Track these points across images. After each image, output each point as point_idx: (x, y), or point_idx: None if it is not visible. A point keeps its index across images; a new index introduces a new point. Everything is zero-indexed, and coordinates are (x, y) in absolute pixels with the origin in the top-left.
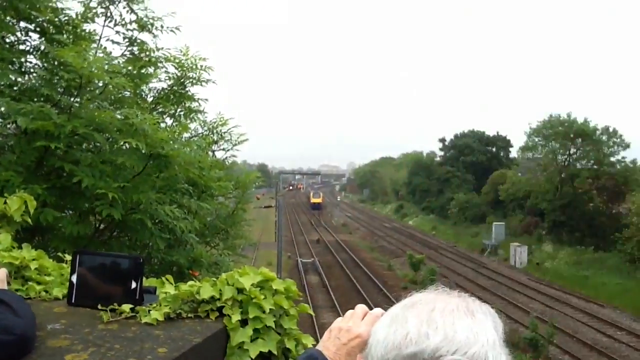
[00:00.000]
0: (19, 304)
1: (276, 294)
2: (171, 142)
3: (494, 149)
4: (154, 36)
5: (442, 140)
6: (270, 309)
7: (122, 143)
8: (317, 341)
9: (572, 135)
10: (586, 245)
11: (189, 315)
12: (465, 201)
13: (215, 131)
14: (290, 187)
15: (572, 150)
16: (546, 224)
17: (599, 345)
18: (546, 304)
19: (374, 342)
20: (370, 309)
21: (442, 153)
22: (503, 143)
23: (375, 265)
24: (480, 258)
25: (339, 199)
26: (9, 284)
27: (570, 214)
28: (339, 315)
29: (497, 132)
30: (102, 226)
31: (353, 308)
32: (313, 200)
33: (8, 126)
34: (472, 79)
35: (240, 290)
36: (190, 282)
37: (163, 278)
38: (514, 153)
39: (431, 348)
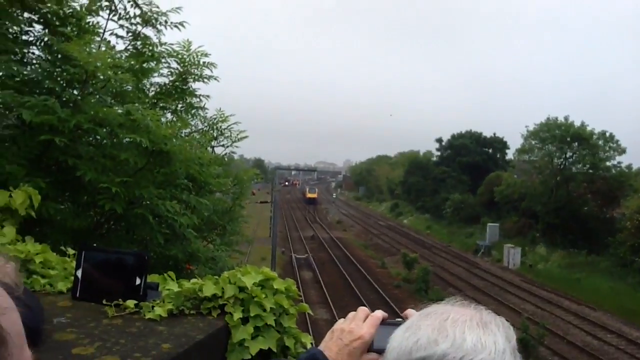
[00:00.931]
0: (28, 296)
1: (277, 293)
2: (173, 138)
3: (490, 151)
4: (158, 31)
5: (439, 140)
6: (270, 307)
7: (123, 138)
8: (315, 340)
9: (568, 139)
10: (579, 248)
11: (192, 312)
12: (460, 201)
13: (215, 127)
14: (286, 183)
15: (568, 154)
16: (540, 227)
17: (588, 348)
18: (538, 305)
19: (390, 348)
20: (370, 309)
21: (438, 153)
22: (500, 145)
23: (369, 263)
24: (474, 258)
25: (334, 196)
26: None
27: (564, 217)
28: (332, 312)
29: (494, 134)
30: (101, 220)
31: (346, 305)
32: (308, 195)
33: (10, 117)
34: (472, 78)
35: (242, 289)
36: (193, 280)
37: (165, 274)
38: (510, 155)
39: (438, 354)
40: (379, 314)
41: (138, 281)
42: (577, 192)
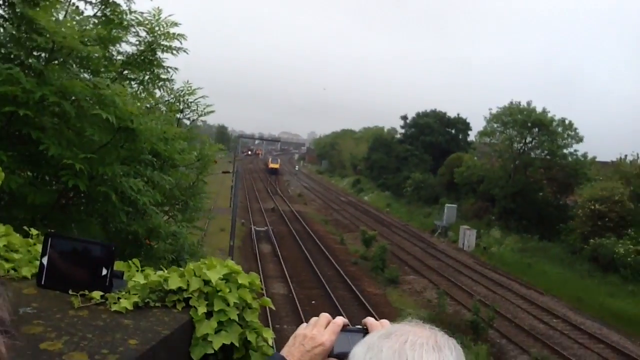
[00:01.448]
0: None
1: (240, 287)
2: (140, 115)
3: (453, 131)
4: None
5: (404, 117)
6: (234, 302)
7: (90, 112)
8: (272, 320)
9: (529, 124)
10: (532, 233)
11: (157, 304)
12: (421, 181)
13: (181, 100)
14: (249, 152)
15: (528, 139)
16: (496, 210)
17: (535, 331)
18: (489, 288)
19: None
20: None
21: (403, 130)
22: (463, 126)
23: (328, 239)
24: (431, 238)
25: (297, 168)
26: None
27: (520, 201)
28: (289, 286)
29: (458, 114)
30: (62, 195)
31: (303, 280)
32: (271, 165)
33: None
34: (443, 58)
35: (206, 282)
36: (159, 272)
37: (130, 262)
38: (472, 137)
39: None
40: (340, 320)
41: (104, 272)
42: (534, 178)
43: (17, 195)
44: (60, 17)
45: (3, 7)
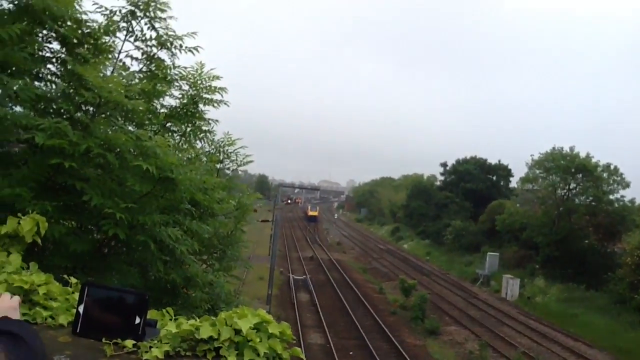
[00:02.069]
0: (32, 338)
1: (271, 337)
2: (180, 166)
3: (494, 178)
4: (172, 54)
5: (444, 164)
6: (264, 352)
7: (132, 163)
8: None
9: (573, 170)
10: (578, 282)
11: (187, 353)
12: (462, 228)
13: (221, 150)
14: (289, 201)
15: (572, 185)
16: (540, 258)
17: None
18: (533, 339)
19: None
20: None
21: (442, 178)
22: (504, 172)
23: (366, 287)
24: (472, 288)
25: (336, 216)
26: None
27: (565, 249)
28: (326, 336)
29: (499, 161)
30: (103, 243)
31: (341, 330)
32: (310, 213)
33: (22, 136)
34: (482, 104)
35: (237, 331)
36: (191, 321)
37: (163, 310)
38: (514, 183)
39: None
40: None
41: (138, 320)
42: (579, 225)
43: (60, 243)
44: (108, 72)
45: (56, 64)
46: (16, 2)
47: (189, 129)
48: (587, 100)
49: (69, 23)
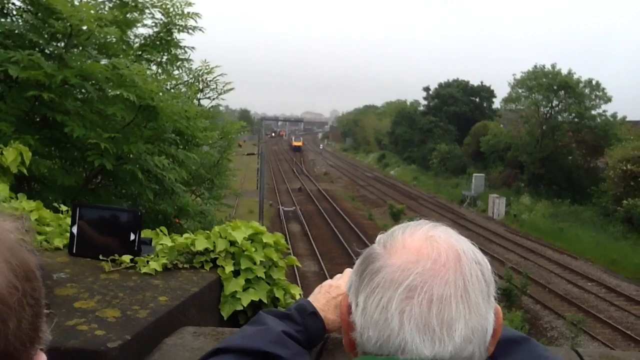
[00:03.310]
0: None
1: (266, 246)
2: (160, 93)
3: (477, 100)
4: None
5: (427, 89)
6: (260, 260)
7: (111, 93)
8: (304, 291)
9: (555, 87)
10: (563, 198)
11: (185, 266)
12: (447, 152)
13: (200, 79)
14: (273, 134)
15: (555, 103)
16: (525, 177)
17: (569, 296)
18: (521, 255)
19: (366, 335)
20: (352, 260)
21: (425, 102)
22: (487, 94)
23: (356, 215)
24: (460, 209)
25: (321, 147)
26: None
27: (549, 167)
28: (320, 264)
29: (481, 82)
30: (90, 176)
31: (333, 257)
32: (294, 143)
33: None
34: (461, 25)
35: (232, 243)
36: (185, 235)
37: (157, 229)
38: (497, 104)
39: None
40: None
41: (133, 237)
42: (563, 142)
43: (47, 178)
44: (76, 2)
45: None
46: None
47: (165, 58)
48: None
49: None
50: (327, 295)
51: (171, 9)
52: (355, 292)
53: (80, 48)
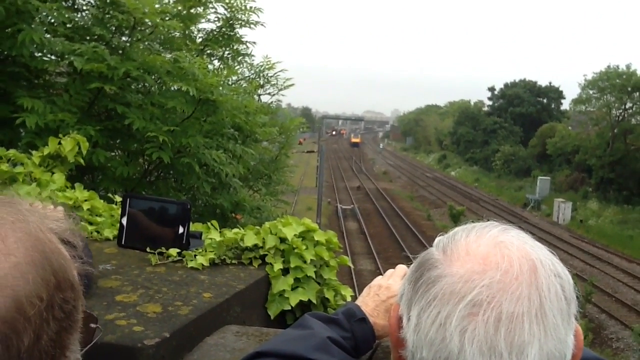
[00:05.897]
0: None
1: (317, 245)
2: (220, 87)
3: (544, 101)
4: None
5: (491, 89)
6: (311, 259)
7: (171, 86)
8: (355, 293)
9: (629, 89)
10: (634, 204)
11: (233, 261)
12: (511, 154)
13: (261, 75)
14: (333, 132)
15: (628, 105)
16: (593, 181)
17: (638, 306)
18: (586, 261)
19: (418, 343)
20: (408, 262)
21: (490, 103)
22: (555, 94)
23: (414, 215)
24: (522, 212)
25: (381, 147)
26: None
27: (620, 171)
28: (376, 263)
29: (550, 83)
30: (150, 168)
31: (390, 257)
32: (353, 140)
33: (62, 65)
34: (528, 24)
35: (282, 240)
36: (234, 230)
37: (208, 223)
38: (566, 105)
39: None
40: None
41: (181, 230)
42: (635, 145)
43: (106, 168)
44: None
45: None
46: None
47: (226, 53)
48: None
49: None
50: (376, 298)
51: (234, 3)
52: (407, 304)
53: (146, 43)
